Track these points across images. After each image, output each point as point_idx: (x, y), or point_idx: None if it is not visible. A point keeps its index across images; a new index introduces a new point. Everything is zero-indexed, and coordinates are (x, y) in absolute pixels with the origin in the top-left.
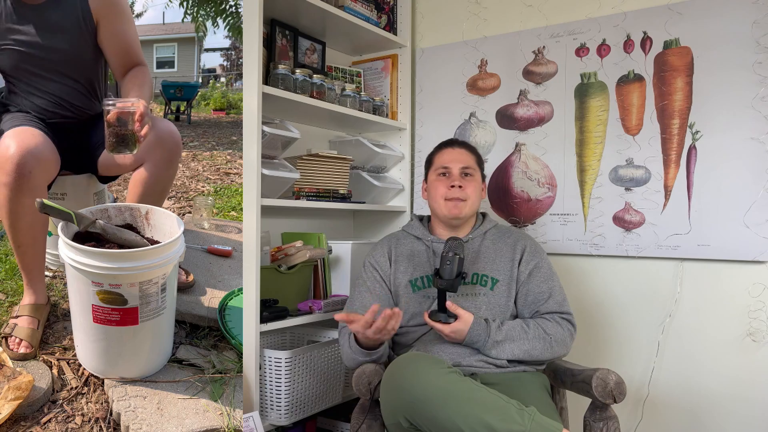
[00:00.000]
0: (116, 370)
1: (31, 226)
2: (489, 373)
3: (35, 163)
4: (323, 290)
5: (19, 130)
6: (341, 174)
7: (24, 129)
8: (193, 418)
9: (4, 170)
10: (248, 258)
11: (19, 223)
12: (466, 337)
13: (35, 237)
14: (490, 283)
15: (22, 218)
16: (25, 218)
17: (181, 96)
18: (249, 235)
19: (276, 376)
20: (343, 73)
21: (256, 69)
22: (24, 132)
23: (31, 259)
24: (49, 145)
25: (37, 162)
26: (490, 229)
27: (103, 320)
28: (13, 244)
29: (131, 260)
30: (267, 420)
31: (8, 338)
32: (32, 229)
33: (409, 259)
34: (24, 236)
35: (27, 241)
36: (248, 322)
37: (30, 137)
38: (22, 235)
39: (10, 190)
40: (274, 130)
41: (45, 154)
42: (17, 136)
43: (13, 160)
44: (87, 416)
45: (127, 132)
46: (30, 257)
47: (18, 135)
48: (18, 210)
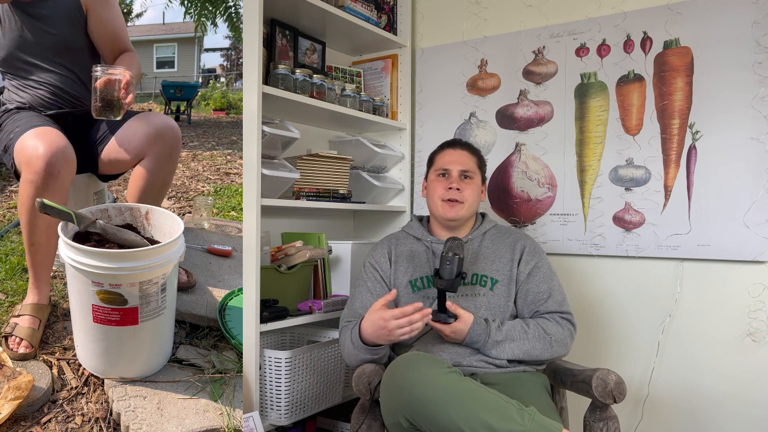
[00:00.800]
0: (116, 370)
1: (49, 226)
2: (489, 373)
3: (63, 163)
4: (323, 290)
5: (43, 131)
6: (341, 174)
7: (48, 129)
8: (193, 418)
9: (32, 168)
10: (248, 258)
11: (38, 220)
12: (466, 337)
13: (50, 237)
14: (489, 284)
15: (42, 217)
16: (45, 217)
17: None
18: (249, 235)
19: (276, 376)
20: (343, 73)
21: (256, 69)
22: (49, 132)
23: (42, 258)
24: (71, 147)
25: (66, 162)
26: (490, 230)
27: (103, 320)
28: (27, 241)
29: (131, 260)
30: (267, 420)
31: (8, 338)
32: (49, 229)
33: (408, 259)
34: (40, 235)
35: (41, 240)
36: (248, 322)
37: (57, 138)
38: (39, 234)
39: (36, 188)
40: (274, 130)
41: (71, 155)
42: (44, 136)
43: (43, 159)
44: (87, 416)
45: (113, 98)
46: (41, 256)
47: (45, 135)
48: None
